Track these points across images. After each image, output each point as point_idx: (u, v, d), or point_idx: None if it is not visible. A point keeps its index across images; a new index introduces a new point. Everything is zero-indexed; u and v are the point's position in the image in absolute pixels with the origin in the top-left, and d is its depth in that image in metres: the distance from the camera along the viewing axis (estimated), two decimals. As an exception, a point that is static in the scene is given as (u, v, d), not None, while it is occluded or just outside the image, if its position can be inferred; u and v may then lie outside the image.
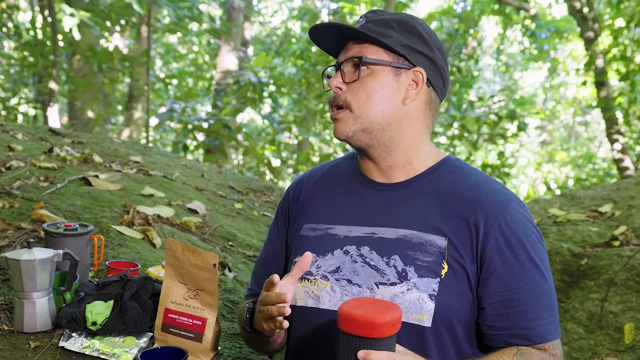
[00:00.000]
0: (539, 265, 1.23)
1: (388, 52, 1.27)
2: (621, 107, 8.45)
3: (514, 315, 1.21)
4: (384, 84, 1.26)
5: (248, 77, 8.98)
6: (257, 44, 15.88)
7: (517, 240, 1.22)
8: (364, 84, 1.26)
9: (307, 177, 1.49)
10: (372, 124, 1.26)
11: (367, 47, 1.27)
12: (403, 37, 1.27)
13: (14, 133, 3.87)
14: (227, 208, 3.24)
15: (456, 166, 1.33)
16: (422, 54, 1.28)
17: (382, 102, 1.26)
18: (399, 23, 1.28)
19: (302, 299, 1.31)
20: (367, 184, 1.35)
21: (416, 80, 1.28)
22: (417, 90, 1.28)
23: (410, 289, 1.20)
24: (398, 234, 1.26)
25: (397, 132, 1.28)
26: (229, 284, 2.14)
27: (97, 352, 1.36)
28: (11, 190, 2.55)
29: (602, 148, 15.00)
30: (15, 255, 1.41)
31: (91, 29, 7.25)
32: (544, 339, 1.20)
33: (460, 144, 11.94)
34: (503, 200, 1.25)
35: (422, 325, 1.19)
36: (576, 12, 8.35)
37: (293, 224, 1.44)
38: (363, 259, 1.27)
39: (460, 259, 1.22)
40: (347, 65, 1.28)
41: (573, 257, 2.90)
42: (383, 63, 1.26)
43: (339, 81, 1.28)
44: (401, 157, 1.31)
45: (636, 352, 2.35)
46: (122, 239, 2.23)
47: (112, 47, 9.40)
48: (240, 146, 9.38)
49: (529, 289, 1.21)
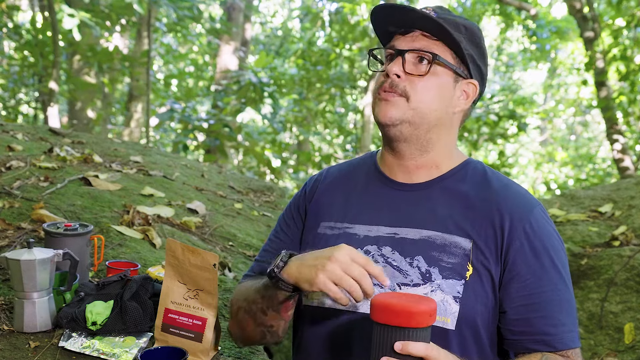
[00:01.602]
0: (562, 272, 1.21)
1: (454, 56, 1.24)
2: (621, 107, 8.45)
3: (536, 320, 1.18)
4: (444, 87, 1.24)
5: (248, 77, 8.98)
6: (257, 44, 15.88)
7: (541, 245, 1.20)
8: (426, 80, 1.22)
9: (324, 174, 1.46)
10: (422, 119, 1.23)
11: (436, 44, 1.23)
12: (469, 45, 1.25)
13: (14, 133, 3.87)
14: (227, 208, 3.24)
15: (478, 169, 1.32)
16: (478, 67, 1.27)
17: (437, 103, 1.23)
18: (467, 29, 1.25)
19: (318, 297, 1.27)
20: (387, 183, 1.33)
21: (468, 91, 1.27)
22: (466, 102, 1.27)
23: (434, 290, 1.18)
24: (422, 234, 1.24)
25: (437, 136, 1.27)
26: (229, 284, 2.14)
27: (97, 352, 1.36)
28: (11, 190, 2.55)
29: (602, 148, 14.99)
30: (15, 255, 1.41)
31: (91, 29, 7.25)
32: (565, 345, 1.18)
33: (460, 143, 11.94)
34: (528, 204, 1.24)
35: (446, 327, 1.17)
36: (576, 12, 8.35)
37: (309, 221, 1.39)
38: (385, 259, 1.24)
39: (485, 261, 1.20)
40: (412, 55, 1.23)
41: (573, 257, 2.90)
42: (450, 67, 1.23)
43: (400, 69, 1.23)
44: (431, 160, 1.29)
45: (636, 352, 2.34)
46: (122, 239, 2.23)
47: (112, 47, 9.40)
48: (240, 146, 9.39)
49: (552, 294, 1.19)
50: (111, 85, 10.68)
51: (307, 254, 1.16)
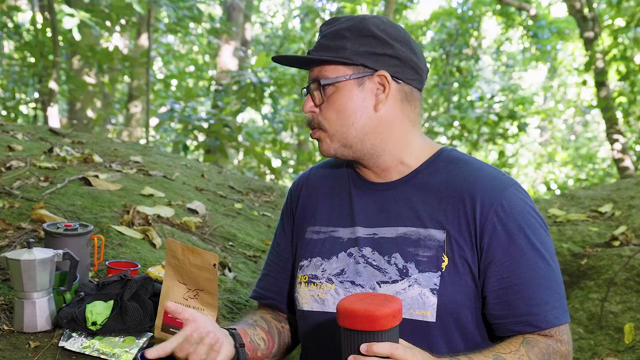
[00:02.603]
0: (540, 249, 1.20)
1: (348, 64, 1.25)
2: (621, 107, 8.44)
3: (516, 302, 1.18)
4: (350, 97, 1.25)
5: (248, 77, 8.98)
6: (258, 44, 15.88)
7: (516, 225, 1.20)
8: (332, 102, 1.26)
9: (306, 177, 1.49)
10: (347, 139, 1.27)
11: (325, 67, 1.27)
12: (358, 44, 1.25)
13: (14, 133, 3.87)
14: (227, 208, 3.24)
15: (452, 156, 1.31)
16: (381, 55, 1.26)
17: (351, 116, 1.26)
18: (351, 30, 1.26)
19: (308, 303, 1.31)
20: (364, 184, 1.35)
21: (382, 83, 1.26)
22: (385, 93, 1.26)
23: (411, 285, 1.20)
24: (398, 232, 1.26)
25: (378, 139, 1.27)
26: (229, 284, 2.14)
27: (97, 352, 1.36)
28: (11, 190, 2.55)
29: (602, 148, 14.99)
30: (15, 255, 1.41)
31: (91, 28, 7.25)
32: (549, 324, 1.17)
33: (460, 143, 11.94)
34: (499, 186, 1.23)
35: (427, 320, 1.18)
36: (576, 12, 8.35)
37: (298, 225, 1.44)
38: (365, 259, 1.27)
39: (461, 250, 1.21)
40: (313, 88, 1.28)
41: (573, 257, 2.90)
42: (343, 79, 1.25)
43: (310, 105, 1.29)
44: (390, 159, 1.30)
45: (636, 352, 2.34)
46: (122, 239, 2.23)
47: (112, 47, 9.40)
48: (240, 146, 9.38)
49: (531, 274, 1.18)
50: (111, 85, 10.68)
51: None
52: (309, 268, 1.35)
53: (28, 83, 9.90)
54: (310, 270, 1.34)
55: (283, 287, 1.47)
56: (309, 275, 1.34)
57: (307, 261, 1.36)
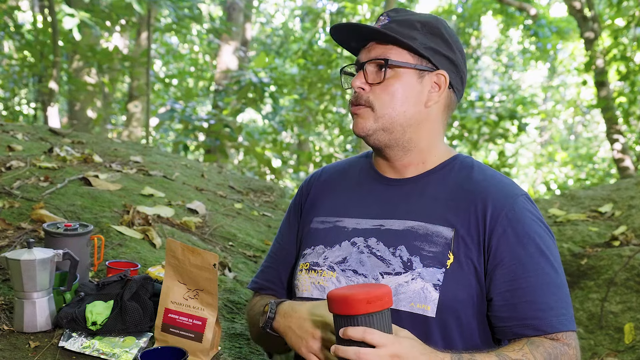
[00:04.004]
0: (549, 256, 1.21)
1: (412, 54, 1.26)
2: (621, 107, 8.44)
3: (522, 306, 1.18)
4: (408, 86, 1.26)
5: (249, 77, 8.98)
6: (258, 45, 15.87)
7: (524, 231, 1.21)
8: (388, 85, 1.26)
9: (319, 173, 1.51)
10: (393, 124, 1.27)
11: (391, 49, 1.27)
12: (427, 39, 1.27)
13: (14, 133, 3.87)
14: (227, 208, 3.24)
15: (467, 162, 1.34)
16: (445, 57, 1.28)
17: (405, 104, 1.26)
18: (423, 24, 1.28)
19: (307, 289, 1.32)
20: (378, 179, 1.37)
21: (439, 83, 1.28)
22: (439, 93, 1.29)
23: (414, 279, 1.20)
24: (405, 225, 1.27)
25: (417, 134, 1.29)
26: (229, 284, 2.14)
27: (97, 352, 1.36)
28: (11, 190, 2.55)
29: (602, 148, 14.98)
30: (15, 255, 1.41)
31: (91, 28, 7.25)
32: (554, 328, 1.16)
33: (460, 143, 11.94)
34: (511, 192, 1.26)
35: (426, 315, 1.19)
36: (576, 12, 8.35)
37: (304, 218, 1.45)
38: (370, 249, 1.27)
39: (467, 250, 1.21)
40: (370, 65, 1.28)
41: (573, 257, 2.90)
42: (408, 66, 1.26)
43: (362, 81, 1.28)
44: (417, 157, 1.32)
45: (636, 352, 2.35)
46: (122, 239, 2.23)
47: (112, 47, 9.40)
48: (241, 146, 9.39)
49: (538, 279, 1.18)
50: (111, 85, 10.68)
51: (292, 311, 1.22)
52: (311, 256, 1.35)
53: (28, 83, 9.90)
54: (312, 258, 1.34)
55: (284, 279, 1.48)
56: (310, 262, 1.34)
57: (310, 249, 1.36)
